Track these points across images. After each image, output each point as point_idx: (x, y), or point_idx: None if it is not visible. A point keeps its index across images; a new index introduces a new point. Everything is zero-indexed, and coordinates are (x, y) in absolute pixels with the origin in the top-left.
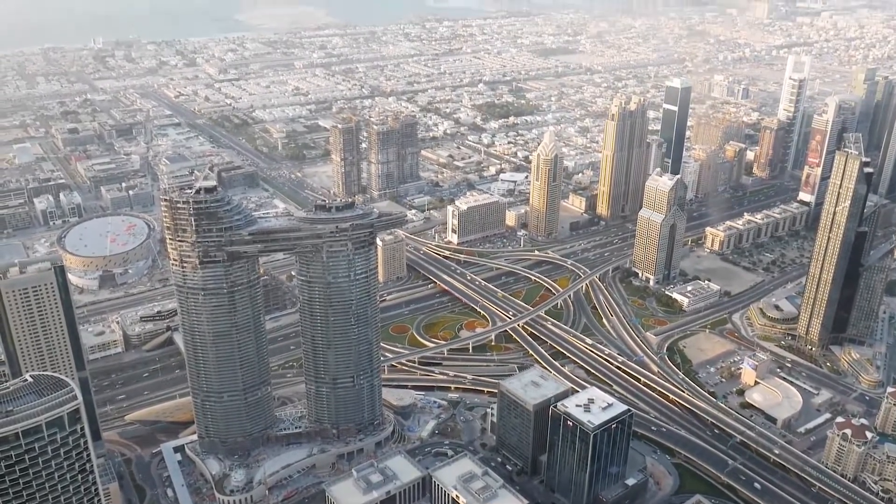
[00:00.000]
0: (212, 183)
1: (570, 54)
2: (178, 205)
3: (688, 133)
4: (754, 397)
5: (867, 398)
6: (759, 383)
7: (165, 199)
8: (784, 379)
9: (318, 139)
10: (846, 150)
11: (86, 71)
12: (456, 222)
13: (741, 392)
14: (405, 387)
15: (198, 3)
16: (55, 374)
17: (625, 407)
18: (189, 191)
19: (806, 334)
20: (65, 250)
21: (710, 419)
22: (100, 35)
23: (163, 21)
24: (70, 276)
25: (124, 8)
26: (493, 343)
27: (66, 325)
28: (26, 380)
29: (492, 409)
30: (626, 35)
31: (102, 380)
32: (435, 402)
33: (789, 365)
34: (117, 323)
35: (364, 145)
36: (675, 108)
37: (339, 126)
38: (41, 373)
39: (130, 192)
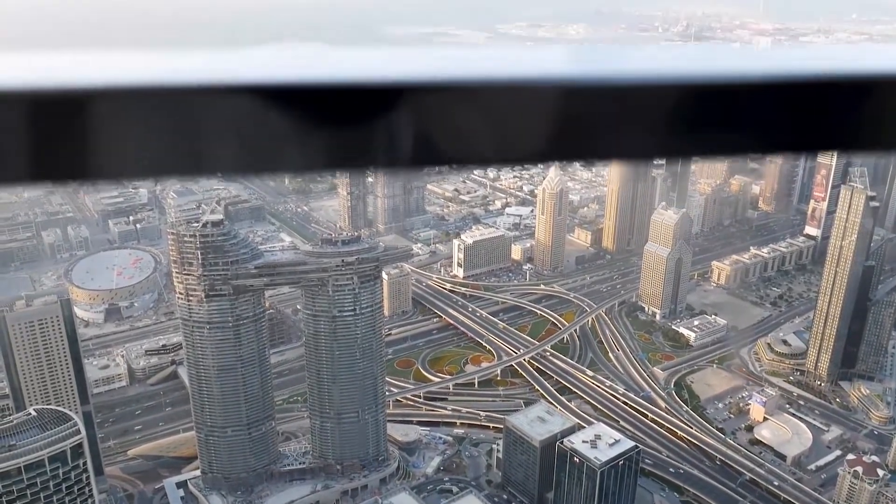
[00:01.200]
0: (218, 216)
1: None
2: (185, 238)
3: (693, 167)
4: (763, 434)
5: (878, 435)
6: (767, 419)
7: (172, 233)
8: (793, 415)
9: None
10: (851, 184)
11: None
12: (461, 256)
13: (750, 428)
14: (410, 422)
15: (205, 37)
16: (59, 408)
17: (632, 443)
18: (196, 224)
19: (815, 369)
20: (71, 283)
21: (718, 456)
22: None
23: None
24: (76, 310)
25: (135, 43)
26: (498, 378)
27: (70, 358)
28: (30, 413)
29: (497, 445)
30: None
31: (106, 414)
32: (440, 437)
33: (802, 403)
34: (122, 356)
35: (370, 179)
36: None
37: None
38: (45, 406)
39: (138, 226)
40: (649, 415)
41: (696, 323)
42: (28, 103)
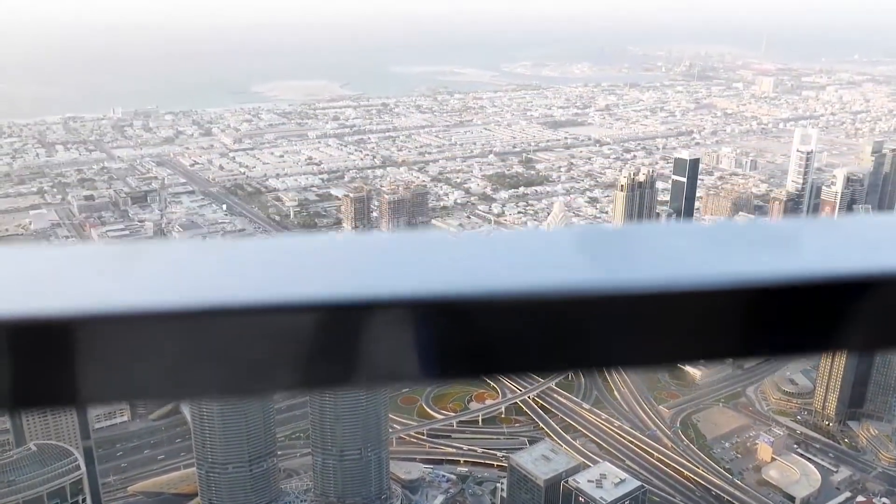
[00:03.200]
0: None
1: (580, 126)
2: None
3: (697, 204)
4: (771, 474)
5: (888, 476)
6: (775, 460)
7: None
8: (801, 455)
9: (329, 208)
10: None
11: (104, 140)
12: None
13: (758, 468)
14: (413, 459)
15: (215, 75)
16: (59, 444)
17: (638, 483)
18: None
19: (822, 409)
20: None
21: (726, 497)
22: (119, 105)
23: (180, 92)
24: None
25: (144, 81)
26: (502, 415)
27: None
28: (30, 448)
29: (502, 483)
30: (634, 108)
31: (107, 449)
32: (443, 475)
33: (810, 443)
34: None
35: (375, 214)
36: (684, 180)
37: (351, 195)
38: (45, 441)
39: None
40: (655, 454)
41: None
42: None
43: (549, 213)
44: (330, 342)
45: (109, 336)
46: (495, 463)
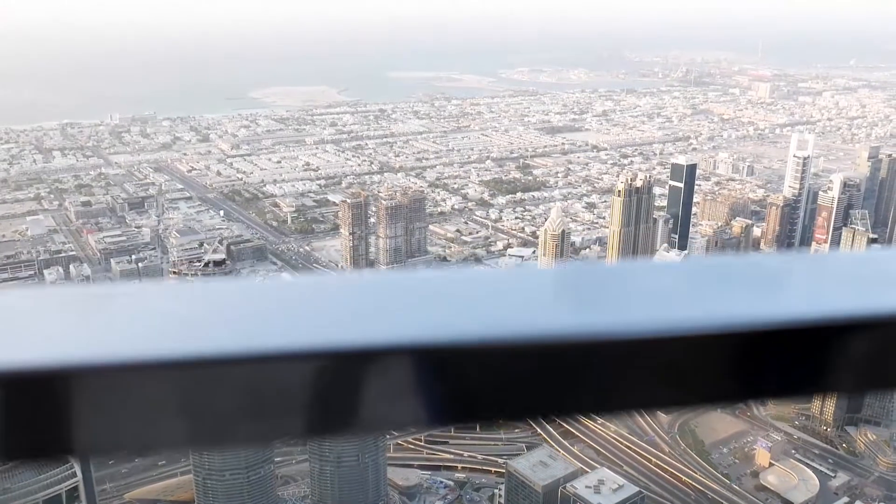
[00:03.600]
0: (221, 256)
1: (577, 132)
2: (187, 277)
3: (694, 209)
4: (769, 479)
5: (886, 481)
6: (773, 465)
7: (174, 272)
8: (799, 461)
9: (327, 213)
10: (853, 226)
11: (101, 146)
12: None
13: (756, 474)
14: (411, 465)
15: (213, 81)
16: None
17: (636, 489)
18: (198, 263)
19: (820, 414)
20: None
21: (724, 502)
22: (116, 111)
23: (178, 98)
24: None
25: (142, 87)
26: (501, 422)
27: None
28: None
29: (500, 489)
30: (631, 113)
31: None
32: (441, 482)
33: (808, 448)
34: None
35: (373, 220)
36: (681, 185)
37: (349, 201)
38: None
39: (140, 265)
40: (653, 459)
41: None
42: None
43: (546, 219)
44: (319, 391)
45: (95, 388)
46: (493, 469)
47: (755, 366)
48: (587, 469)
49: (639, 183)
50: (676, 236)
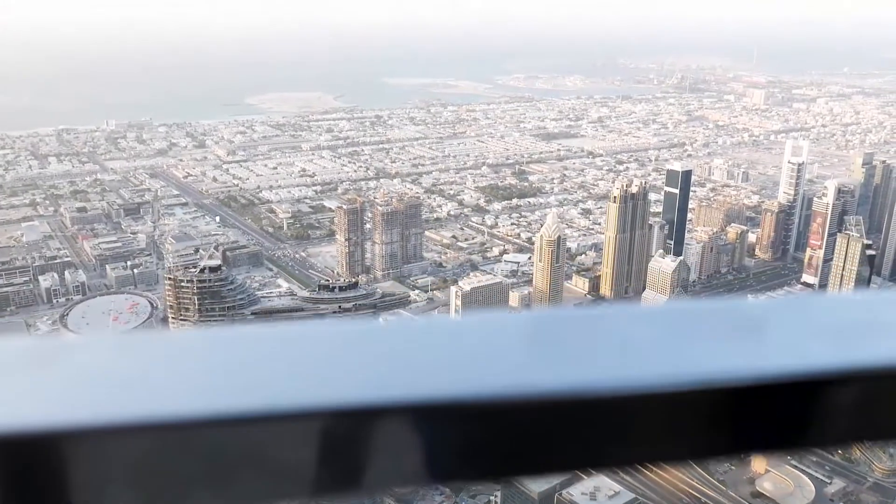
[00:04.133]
0: (216, 262)
1: (572, 138)
2: (182, 283)
3: (689, 215)
4: (765, 486)
5: (882, 487)
6: (769, 471)
7: (170, 278)
8: (795, 467)
9: (323, 219)
10: (848, 232)
11: (97, 152)
12: (459, 303)
13: (752, 481)
14: None
15: (209, 87)
16: None
17: (632, 496)
18: (194, 270)
19: None
20: (67, 328)
21: None
22: (112, 117)
23: (174, 104)
24: None
25: (138, 93)
26: None
27: None
28: None
29: (495, 496)
30: (626, 120)
31: None
32: (437, 487)
33: (812, 457)
34: None
35: (368, 226)
36: (677, 191)
37: (345, 207)
38: None
39: (135, 271)
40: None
41: None
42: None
43: (542, 225)
44: (318, 451)
45: (83, 450)
46: None
47: (734, 422)
48: (583, 476)
49: (634, 189)
50: (672, 242)
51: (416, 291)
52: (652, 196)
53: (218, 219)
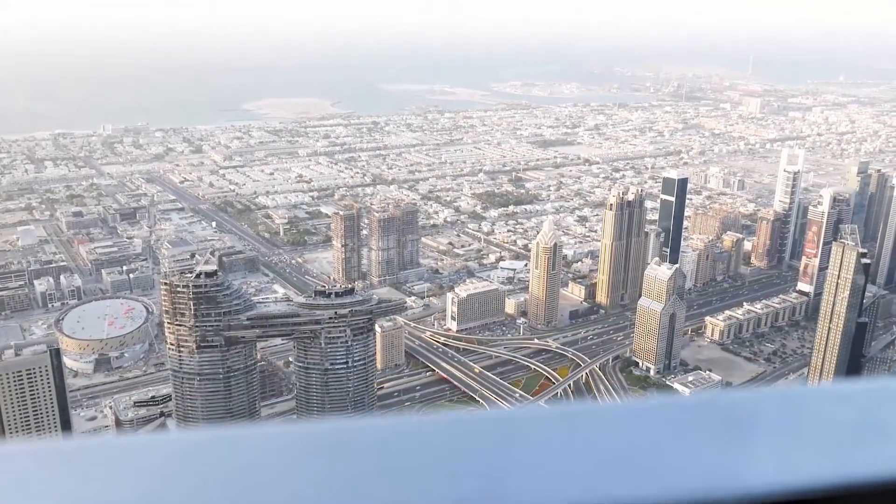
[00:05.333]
0: (212, 267)
1: (569, 146)
2: (178, 288)
3: (685, 223)
4: None
5: None
6: None
7: (165, 283)
8: None
9: (319, 225)
10: (843, 241)
11: (94, 156)
12: (455, 309)
13: None
14: None
15: (207, 92)
16: None
17: None
18: (189, 275)
19: None
20: (61, 333)
21: None
22: (109, 122)
23: (171, 109)
24: (65, 359)
25: (135, 97)
26: None
27: (57, 409)
28: None
29: None
30: (623, 127)
31: None
32: None
33: None
34: (110, 408)
35: (365, 232)
36: (673, 199)
37: (341, 213)
38: None
39: (131, 276)
40: None
41: (690, 379)
42: None
43: (538, 232)
44: None
45: None
46: None
47: None
48: None
49: (630, 197)
50: (668, 250)
51: (413, 298)
52: (648, 204)
53: (214, 224)
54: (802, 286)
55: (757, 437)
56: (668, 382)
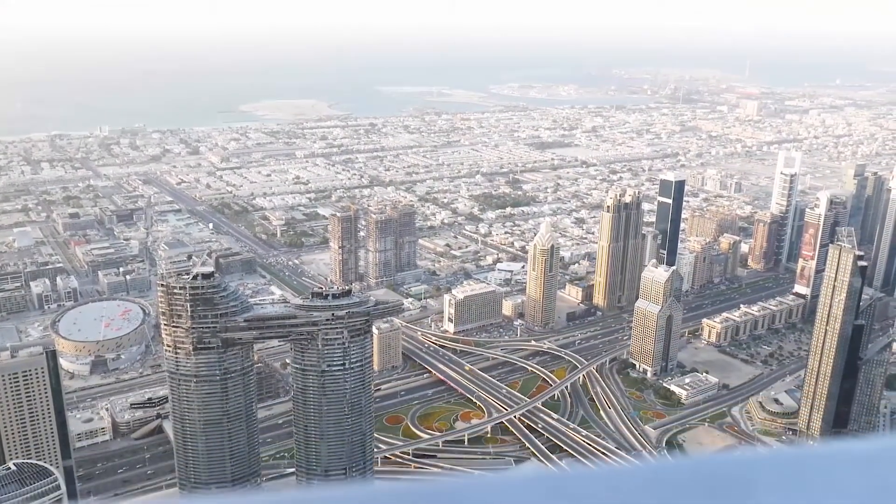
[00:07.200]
0: (209, 269)
1: (566, 147)
2: (175, 290)
3: (682, 225)
4: None
5: None
6: None
7: (162, 284)
8: None
9: (316, 227)
10: (839, 243)
11: (90, 157)
12: (452, 311)
13: None
14: (398, 479)
15: (204, 93)
16: (39, 462)
17: None
18: (186, 276)
19: (807, 429)
20: (58, 334)
21: None
22: (106, 124)
23: (169, 111)
24: (62, 361)
25: (133, 99)
26: (489, 435)
27: (53, 411)
28: (9, 468)
29: None
30: (620, 130)
31: (88, 468)
32: None
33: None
34: (106, 409)
35: (362, 233)
36: (670, 201)
37: (338, 214)
38: (25, 460)
39: (128, 277)
40: None
41: (687, 381)
42: None
43: (535, 234)
44: None
45: None
46: None
47: None
48: None
49: (628, 199)
50: (665, 252)
51: (410, 299)
52: (645, 206)
53: (211, 225)
54: (799, 288)
55: None
56: (665, 384)
